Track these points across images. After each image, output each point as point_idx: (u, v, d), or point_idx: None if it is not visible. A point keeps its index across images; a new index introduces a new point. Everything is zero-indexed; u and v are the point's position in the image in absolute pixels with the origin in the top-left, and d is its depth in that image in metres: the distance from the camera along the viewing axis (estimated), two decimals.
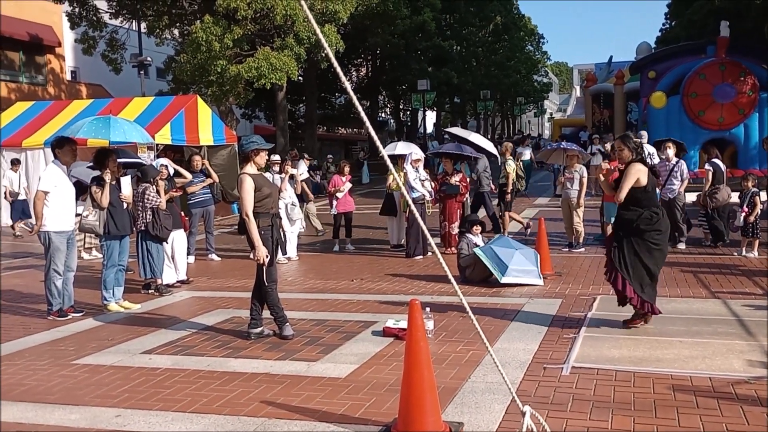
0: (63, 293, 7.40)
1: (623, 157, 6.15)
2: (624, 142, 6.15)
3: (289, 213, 10.82)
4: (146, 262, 8.40)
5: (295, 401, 4.58)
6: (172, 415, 4.42)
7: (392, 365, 5.24)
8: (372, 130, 3.36)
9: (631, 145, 6.10)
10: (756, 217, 9.61)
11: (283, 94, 27.20)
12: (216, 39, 20.24)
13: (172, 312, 7.59)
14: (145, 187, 8.28)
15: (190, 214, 10.81)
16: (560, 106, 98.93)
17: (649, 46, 30.21)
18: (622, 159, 6.19)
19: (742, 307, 6.66)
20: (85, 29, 25.05)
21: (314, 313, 7.18)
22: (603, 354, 5.33)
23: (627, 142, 6.14)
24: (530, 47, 67.52)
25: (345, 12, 21.96)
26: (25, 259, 11.85)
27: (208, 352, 5.88)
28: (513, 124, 77.54)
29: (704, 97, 19.81)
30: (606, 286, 7.98)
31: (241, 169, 6.31)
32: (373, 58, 39.57)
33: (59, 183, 7.22)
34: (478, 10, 45.56)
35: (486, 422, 4.10)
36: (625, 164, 6.11)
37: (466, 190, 11.35)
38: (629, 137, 6.23)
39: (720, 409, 4.17)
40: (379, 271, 9.77)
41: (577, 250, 10.60)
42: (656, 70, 21.83)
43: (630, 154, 6.08)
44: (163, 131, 15.28)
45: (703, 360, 5.08)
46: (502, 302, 7.39)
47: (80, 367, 5.58)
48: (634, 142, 6.14)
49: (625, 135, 6.35)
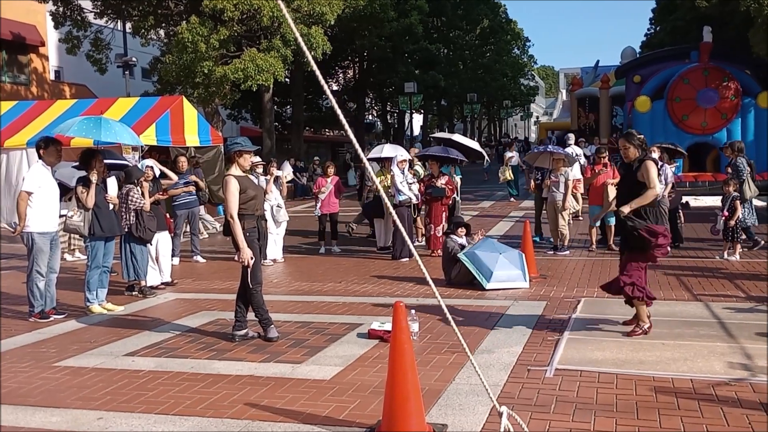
0: (45, 295, 7.34)
1: (629, 155, 5.93)
2: (629, 140, 5.93)
3: (275, 215, 10.80)
4: (130, 263, 8.35)
5: (280, 403, 4.57)
6: (155, 417, 4.40)
7: (377, 367, 5.24)
8: (353, 137, 3.32)
9: (635, 142, 5.90)
10: (736, 221, 9.70)
11: (269, 96, 27.12)
12: (202, 40, 20.15)
13: (155, 314, 7.54)
14: (129, 189, 8.23)
15: (175, 216, 10.77)
16: (546, 109, 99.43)
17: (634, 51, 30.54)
18: (628, 157, 5.96)
19: (723, 310, 6.73)
20: (69, 29, 24.85)
21: (299, 315, 7.17)
22: (586, 356, 5.37)
23: (631, 139, 5.93)
24: (517, 51, 67.95)
25: (332, 14, 21.95)
26: (7, 260, 11.73)
27: (192, 354, 5.85)
28: (499, 127, 77.91)
29: (688, 102, 20.04)
30: (590, 288, 8.06)
31: (226, 171, 6.30)
32: (361, 61, 39.59)
33: (43, 184, 7.15)
34: (465, 14, 45.78)
35: (470, 424, 4.11)
36: (639, 161, 5.87)
37: (452, 193, 11.39)
38: (633, 135, 6.00)
39: (701, 410, 4.21)
40: (365, 273, 9.77)
41: (561, 253, 10.66)
42: (641, 75, 22.05)
43: (636, 152, 5.90)
44: (148, 132, 15.17)
45: (684, 362, 5.13)
46: (487, 305, 7.42)
47: (62, 369, 5.53)
48: (638, 139, 5.93)
49: (628, 133, 6.11)
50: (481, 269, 8.24)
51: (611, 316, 6.59)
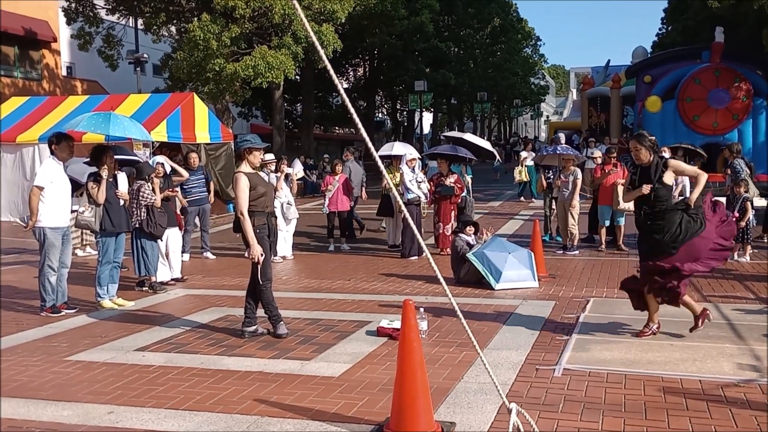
0: (57, 289, 7.39)
1: (641, 157, 5.81)
2: (640, 142, 5.79)
3: (285, 212, 10.83)
4: (141, 259, 8.40)
5: (288, 400, 4.59)
6: (165, 412, 4.44)
7: (385, 365, 5.26)
8: (365, 134, 3.36)
9: (647, 144, 5.78)
10: (747, 222, 9.66)
11: (279, 93, 27.17)
12: (213, 37, 20.20)
13: (166, 309, 7.59)
14: (140, 185, 8.28)
15: (186, 212, 10.81)
16: (557, 109, 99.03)
17: (645, 51, 30.33)
18: (640, 159, 5.83)
19: (733, 311, 6.71)
20: (81, 25, 24.98)
21: (308, 312, 7.20)
22: (595, 356, 5.36)
23: (643, 141, 5.79)
24: (528, 50, 67.68)
25: (343, 12, 21.96)
26: (19, 254, 11.83)
27: (202, 350, 5.89)
28: (509, 126, 77.69)
29: (699, 102, 19.92)
30: (599, 288, 8.05)
31: (236, 168, 6.32)
32: (371, 59, 39.58)
33: (55, 179, 7.21)
34: (476, 12, 45.62)
35: (478, 422, 4.12)
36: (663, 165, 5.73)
37: (461, 192, 11.39)
38: (644, 136, 5.87)
39: (709, 411, 4.21)
40: (373, 271, 9.79)
41: (571, 253, 10.64)
42: (652, 75, 21.93)
43: (648, 154, 5.78)
44: (159, 128, 15.26)
45: (693, 363, 5.13)
46: (496, 304, 7.42)
47: (73, 363, 5.58)
48: (650, 141, 5.81)
49: (639, 134, 5.96)
50: (491, 269, 8.23)
51: (620, 316, 6.58)
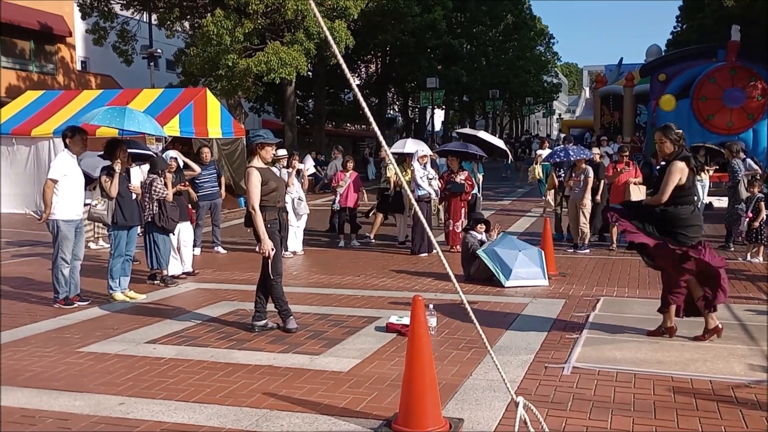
0: (69, 282, 7.46)
1: (665, 150, 5.66)
2: (666, 134, 5.63)
3: (296, 207, 10.87)
4: (152, 252, 8.47)
5: (297, 394, 4.62)
6: (175, 404, 4.47)
7: (394, 361, 5.27)
8: (378, 130, 3.37)
9: (672, 136, 5.61)
10: (761, 222, 9.59)
11: (292, 89, 27.22)
12: (226, 33, 20.28)
13: (177, 303, 7.64)
14: (152, 179, 8.33)
15: (197, 207, 10.87)
16: (569, 107, 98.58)
17: (659, 49, 30.13)
18: (664, 152, 5.69)
19: (744, 312, 6.67)
20: (96, 20, 25.14)
21: (318, 308, 7.22)
22: (604, 355, 5.35)
23: (669, 133, 5.62)
24: (540, 47, 67.33)
25: (355, 8, 21.97)
26: (33, 246, 11.94)
27: (212, 343, 5.92)
28: (521, 124, 77.41)
29: (714, 101, 19.78)
30: (610, 287, 8.02)
31: (248, 163, 6.36)
32: (383, 55, 39.55)
33: (69, 172, 7.27)
34: (489, 10, 45.46)
35: (486, 419, 4.13)
36: (666, 161, 5.66)
37: (471, 189, 11.38)
38: (671, 128, 5.69)
39: (719, 411, 4.19)
40: (383, 267, 9.80)
41: (581, 252, 10.61)
42: (666, 73, 21.81)
43: (673, 147, 5.61)
44: (172, 123, 15.34)
45: (704, 363, 5.10)
46: (506, 301, 7.42)
47: (85, 354, 5.63)
48: (676, 134, 5.63)
49: (666, 126, 5.77)
50: (501, 267, 8.22)
51: (630, 315, 6.56)
